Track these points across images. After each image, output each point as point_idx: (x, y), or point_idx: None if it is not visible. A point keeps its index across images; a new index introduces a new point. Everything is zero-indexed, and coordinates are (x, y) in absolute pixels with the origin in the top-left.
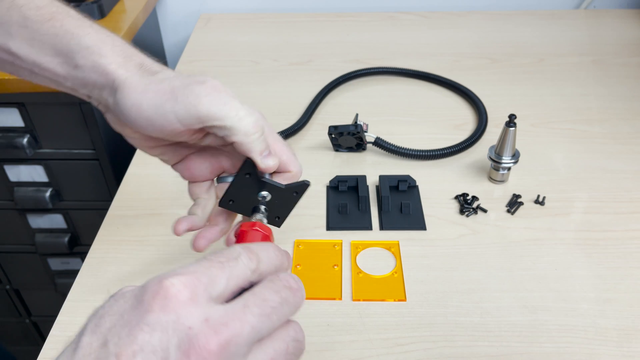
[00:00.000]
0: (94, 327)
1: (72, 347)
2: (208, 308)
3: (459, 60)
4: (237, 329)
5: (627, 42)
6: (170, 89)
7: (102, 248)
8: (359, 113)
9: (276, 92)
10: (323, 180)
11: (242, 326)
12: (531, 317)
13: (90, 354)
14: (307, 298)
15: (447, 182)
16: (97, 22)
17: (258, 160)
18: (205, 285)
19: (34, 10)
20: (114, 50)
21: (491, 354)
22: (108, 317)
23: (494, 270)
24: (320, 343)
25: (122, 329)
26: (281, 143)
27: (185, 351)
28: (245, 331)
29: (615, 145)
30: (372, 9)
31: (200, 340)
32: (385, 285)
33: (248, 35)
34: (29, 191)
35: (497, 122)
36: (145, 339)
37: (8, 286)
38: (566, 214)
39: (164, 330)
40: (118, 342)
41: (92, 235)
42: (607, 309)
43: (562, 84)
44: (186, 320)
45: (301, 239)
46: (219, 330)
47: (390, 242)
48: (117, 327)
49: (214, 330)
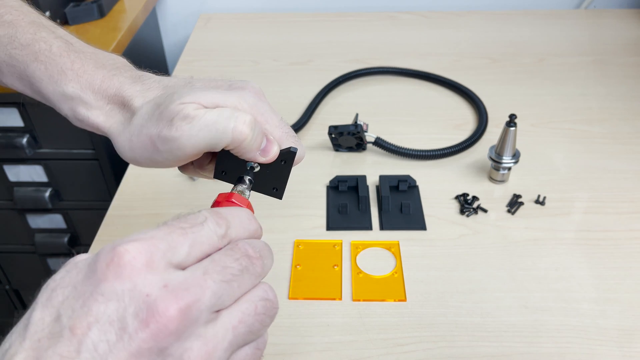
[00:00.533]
0: (45, 302)
1: (23, 324)
2: (167, 274)
3: (459, 60)
4: (197, 294)
5: (627, 42)
6: (149, 141)
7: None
8: (359, 113)
9: (276, 92)
10: (323, 180)
11: (203, 291)
12: (531, 317)
13: (43, 330)
14: (307, 298)
15: (447, 182)
16: (97, 22)
17: (258, 159)
18: (163, 252)
19: (18, 50)
20: (96, 91)
21: (491, 354)
22: (60, 289)
23: (494, 270)
24: (320, 343)
25: (75, 301)
26: (280, 129)
27: (144, 320)
28: (206, 296)
29: (616, 145)
30: (372, 9)
31: (159, 307)
32: (385, 285)
33: (248, 35)
34: (29, 191)
35: (497, 122)
36: (101, 310)
37: (7, 286)
38: (566, 214)
39: (120, 299)
40: (72, 315)
41: (91, 235)
42: (608, 309)
43: (562, 84)
44: (143, 288)
45: (301, 239)
46: (179, 295)
47: (391, 242)
48: (70, 300)
49: (173, 295)
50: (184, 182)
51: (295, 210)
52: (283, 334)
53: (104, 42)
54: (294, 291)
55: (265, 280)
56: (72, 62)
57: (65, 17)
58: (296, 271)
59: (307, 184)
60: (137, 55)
